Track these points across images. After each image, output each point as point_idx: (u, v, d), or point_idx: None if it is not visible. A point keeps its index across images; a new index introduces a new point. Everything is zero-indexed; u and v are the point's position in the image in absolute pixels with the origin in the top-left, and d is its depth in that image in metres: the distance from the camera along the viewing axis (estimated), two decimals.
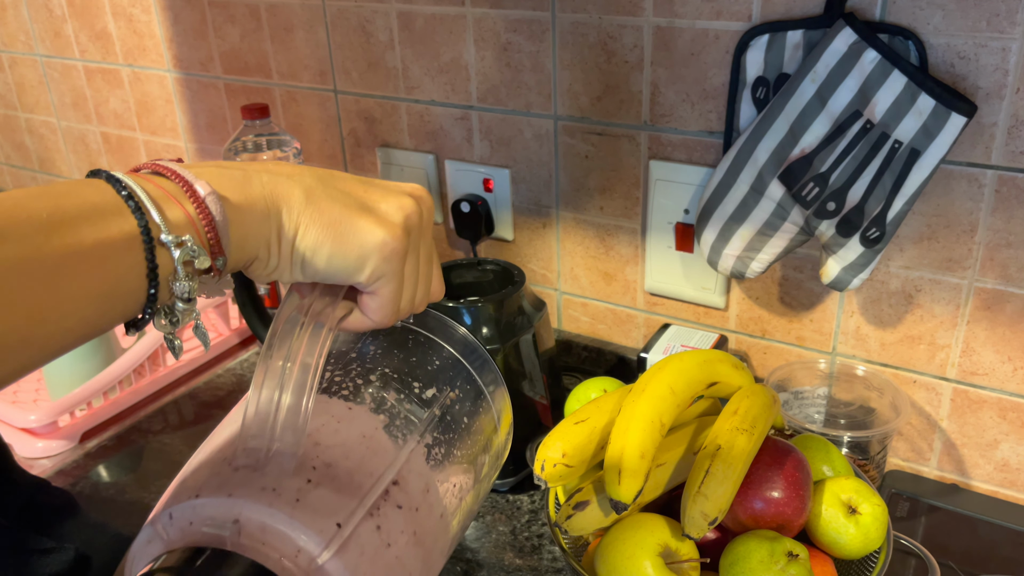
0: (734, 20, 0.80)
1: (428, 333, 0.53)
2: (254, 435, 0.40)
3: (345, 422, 0.45)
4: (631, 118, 0.89)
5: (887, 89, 0.70)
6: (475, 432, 0.52)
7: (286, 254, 0.42)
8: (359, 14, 1.04)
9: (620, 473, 0.58)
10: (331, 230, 0.42)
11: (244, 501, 0.39)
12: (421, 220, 0.46)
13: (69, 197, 0.35)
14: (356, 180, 0.45)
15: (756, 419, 0.62)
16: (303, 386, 0.41)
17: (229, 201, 0.39)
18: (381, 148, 1.10)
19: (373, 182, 0.46)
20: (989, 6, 0.68)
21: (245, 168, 0.42)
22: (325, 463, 0.42)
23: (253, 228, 0.40)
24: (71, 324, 0.34)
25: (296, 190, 0.42)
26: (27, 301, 0.32)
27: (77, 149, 1.50)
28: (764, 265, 0.81)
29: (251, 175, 0.41)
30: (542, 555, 0.76)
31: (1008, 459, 0.81)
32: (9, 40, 1.48)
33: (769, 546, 0.57)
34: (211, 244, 0.38)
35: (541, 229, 1.02)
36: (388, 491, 0.43)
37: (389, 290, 0.44)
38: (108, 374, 0.97)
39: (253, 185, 0.41)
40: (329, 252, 0.42)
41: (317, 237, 0.42)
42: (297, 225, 0.41)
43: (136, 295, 0.36)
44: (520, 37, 0.93)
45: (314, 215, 0.42)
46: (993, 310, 0.76)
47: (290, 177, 0.42)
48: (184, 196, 0.38)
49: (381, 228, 0.43)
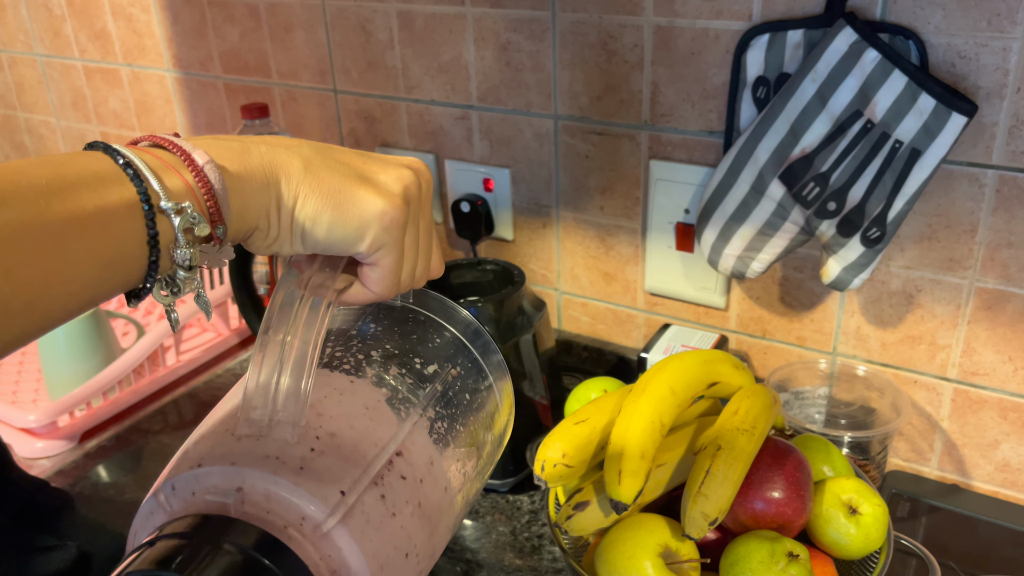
0: (734, 19, 0.79)
1: (429, 313, 0.53)
2: (256, 406, 0.40)
3: (348, 394, 0.45)
4: (631, 118, 0.89)
5: (888, 89, 0.70)
6: (477, 409, 0.52)
7: (286, 224, 0.42)
8: (359, 13, 1.03)
9: (620, 473, 0.58)
10: (331, 199, 0.42)
11: (247, 469, 0.39)
12: (420, 192, 0.46)
13: (68, 165, 0.35)
14: (354, 152, 0.45)
15: (757, 419, 0.62)
16: (304, 357, 0.41)
17: (227, 170, 0.39)
18: (381, 148, 1.10)
19: (371, 155, 0.46)
20: (990, 6, 0.68)
21: (243, 140, 0.42)
22: (329, 432, 0.42)
23: (252, 197, 0.40)
24: (75, 289, 0.34)
25: (295, 160, 0.42)
26: (31, 265, 0.32)
27: (76, 149, 1.50)
28: (764, 265, 0.81)
29: (249, 146, 0.41)
30: (542, 555, 0.76)
31: (1009, 459, 0.81)
32: (8, 40, 1.48)
33: (769, 546, 0.57)
34: (211, 212, 0.38)
35: (541, 229, 1.01)
36: (392, 461, 0.43)
37: (389, 260, 0.44)
38: (108, 374, 0.97)
39: (251, 155, 0.41)
40: (329, 221, 0.42)
41: (317, 206, 0.42)
42: (296, 195, 0.41)
43: (138, 262, 0.37)
44: (520, 37, 0.93)
45: (313, 184, 0.42)
46: (994, 310, 0.76)
47: (288, 148, 0.42)
48: (183, 165, 0.38)
49: (381, 197, 0.43)
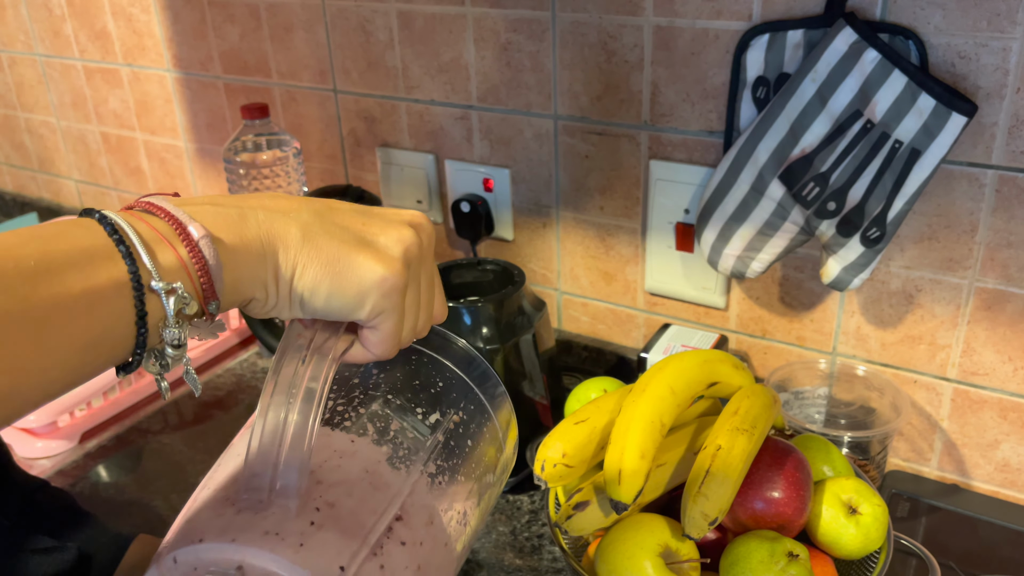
0: (734, 20, 0.79)
1: (431, 352, 0.53)
2: (256, 473, 0.40)
3: (347, 457, 0.45)
4: (631, 118, 0.89)
5: (888, 89, 0.70)
6: (479, 454, 0.52)
7: (284, 294, 0.41)
8: (359, 14, 1.03)
9: (620, 473, 0.58)
10: (329, 268, 0.41)
11: (247, 547, 0.39)
12: (421, 250, 0.45)
13: (58, 240, 0.34)
14: (355, 211, 0.45)
15: (756, 419, 0.62)
16: (306, 421, 0.41)
17: (223, 243, 0.39)
18: (381, 148, 1.10)
19: (372, 211, 0.45)
20: (989, 6, 0.68)
21: (240, 205, 0.41)
22: (328, 503, 0.42)
23: (248, 270, 0.40)
24: (55, 375, 0.33)
25: (293, 228, 0.41)
26: (10, 354, 0.31)
27: (77, 149, 1.50)
28: (764, 265, 0.81)
29: (247, 213, 0.41)
30: (542, 555, 0.76)
31: (1009, 459, 0.81)
32: (8, 40, 1.48)
33: (769, 546, 0.57)
34: (204, 289, 0.38)
35: (541, 229, 1.01)
36: (391, 527, 0.43)
37: (389, 325, 0.44)
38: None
39: (248, 224, 0.40)
40: (328, 291, 0.41)
41: (315, 276, 0.41)
42: (295, 265, 0.41)
43: (125, 342, 0.36)
44: (520, 37, 0.93)
45: (312, 254, 0.41)
46: (994, 310, 0.76)
47: (286, 214, 0.42)
48: (177, 238, 0.37)
49: (380, 264, 0.42)
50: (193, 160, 1.33)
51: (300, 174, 1.07)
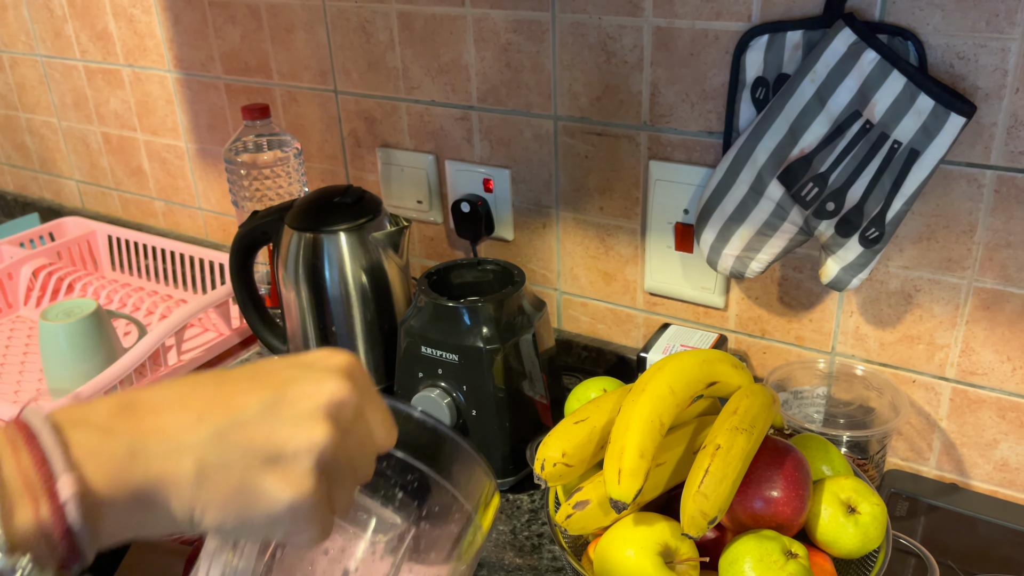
0: (734, 20, 0.80)
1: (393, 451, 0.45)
2: None
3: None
4: (631, 118, 0.89)
5: (886, 89, 0.70)
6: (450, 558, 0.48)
7: (184, 528, 0.38)
8: (359, 14, 1.04)
9: (620, 472, 0.58)
10: (232, 505, 0.37)
11: None
12: (356, 403, 0.40)
13: None
14: (265, 398, 0.39)
15: (755, 419, 0.62)
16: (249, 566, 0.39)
17: (99, 496, 0.34)
18: (381, 148, 1.10)
19: (289, 385, 0.39)
20: (988, 6, 0.68)
21: (134, 432, 0.36)
22: None
23: (131, 519, 0.36)
24: None
25: (186, 465, 0.36)
26: None
27: (78, 149, 1.50)
28: (763, 265, 0.81)
29: (137, 450, 0.36)
30: (542, 555, 0.76)
31: (1007, 458, 0.81)
32: (10, 40, 1.48)
33: (768, 545, 0.57)
34: (63, 555, 0.34)
35: (541, 229, 1.02)
36: None
37: (312, 534, 0.40)
38: (108, 374, 0.97)
39: (137, 466, 0.36)
40: (235, 525, 0.38)
41: (217, 516, 0.37)
42: (191, 508, 0.37)
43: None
44: (520, 37, 0.93)
45: (210, 493, 0.37)
46: (992, 310, 0.77)
47: (181, 444, 0.37)
48: (42, 491, 0.33)
49: (289, 488, 0.37)
50: (194, 160, 1.34)
51: (300, 175, 1.07)
